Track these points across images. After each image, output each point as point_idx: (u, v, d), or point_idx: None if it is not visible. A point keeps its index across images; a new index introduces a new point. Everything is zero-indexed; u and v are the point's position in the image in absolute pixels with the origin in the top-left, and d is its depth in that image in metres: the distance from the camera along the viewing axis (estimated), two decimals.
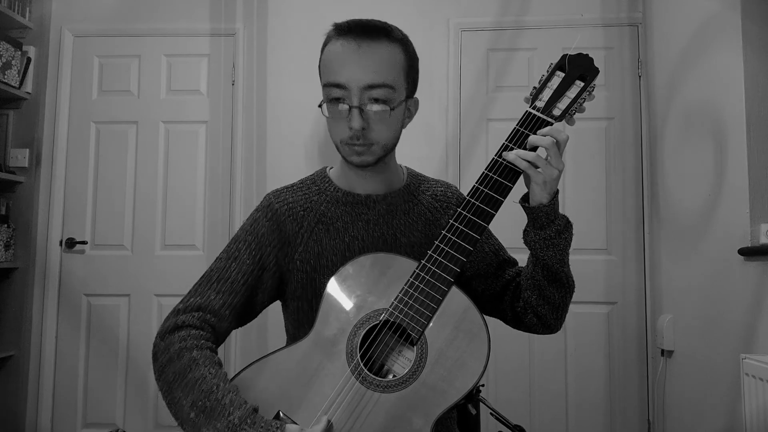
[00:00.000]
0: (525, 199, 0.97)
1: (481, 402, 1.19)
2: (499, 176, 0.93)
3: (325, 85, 0.99)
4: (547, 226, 0.95)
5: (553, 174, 0.91)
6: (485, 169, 0.94)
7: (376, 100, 0.96)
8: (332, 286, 0.94)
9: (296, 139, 2.76)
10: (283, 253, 1.04)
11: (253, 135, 2.79)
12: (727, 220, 1.89)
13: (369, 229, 1.05)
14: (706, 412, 2.03)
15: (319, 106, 1.01)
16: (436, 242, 0.92)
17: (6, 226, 2.66)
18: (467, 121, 2.72)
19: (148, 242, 2.77)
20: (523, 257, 1.04)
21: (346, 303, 0.93)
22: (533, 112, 0.95)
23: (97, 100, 2.84)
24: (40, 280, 2.73)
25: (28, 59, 2.74)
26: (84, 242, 2.77)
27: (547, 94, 0.95)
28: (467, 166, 2.70)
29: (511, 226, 1.27)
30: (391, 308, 0.90)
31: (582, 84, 0.95)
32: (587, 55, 0.96)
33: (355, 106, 0.95)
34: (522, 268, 1.09)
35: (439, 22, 2.75)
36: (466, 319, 0.89)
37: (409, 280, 0.90)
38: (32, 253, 2.72)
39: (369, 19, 0.99)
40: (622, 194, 2.64)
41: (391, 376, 0.90)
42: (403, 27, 1.05)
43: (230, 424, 0.81)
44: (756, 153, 1.77)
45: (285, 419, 0.86)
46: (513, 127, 0.95)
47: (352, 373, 0.88)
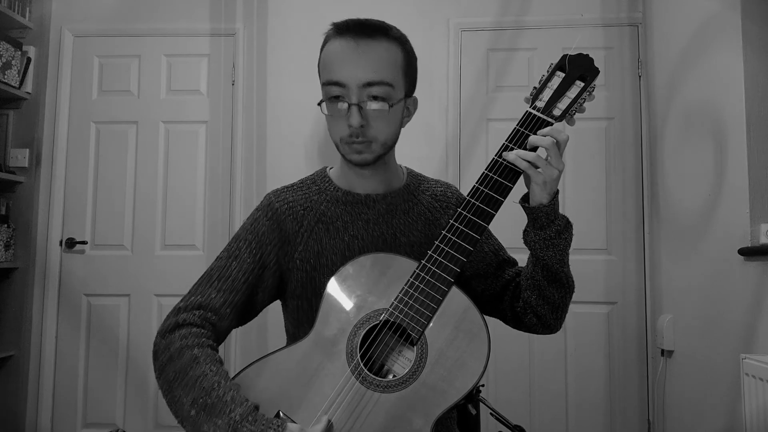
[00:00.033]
0: (525, 199, 0.97)
1: (481, 402, 1.19)
2: (500, 176, 0.93)
3: (324, 84, 1.00)
4: (547, 227, 0.95)
5: (554, 174, 0.91)
6: (485, 169, 0.94)
7: (375, 98, 0.96)
8: (332, 286, 0.94)
9: (296, 139, 2.76)
10: (284, 252, 1.04)
11: (253, 135, 2.79)
12: (727, 220, 1.89)
13: (369, 229, 1.05)
14: (706, 412, 2.03)
15: (319, 105, 1.01)
16: (436, 242, 0.92)
17: (6, 226, 2.66)
18: (467, 121, 2.72)
19: (148, 242, 2.77)
20: (523, 257, 1.04)
21: (346, 303, 0.93)
22: (533, 112, 0.95)
23: (97, 100, 2.84)
24: (40, 280, 2.73)
25: (28, 59, 2.74)
26: (84, 242, 2.77)
27: (547, 95, 0.95)
28: (467, 166, 2.70)
29: (511, 226, 1.27)
30: (391, 308, 0.90)
31: (582, 84, 0.95)
32: (587, 55, 0.96)
33: (354, 104, 0.96)
34: (522, 268, 1.09)
35: (439, 22, 2.75)
36: (466, 319, 0.89)
37: (409, 280, 0.90)
38: (32, 253, 2.72)
39: (367, 18, 1.00)
40: (622, 194, 2.64)
41: (391, 376, 0.90)
42: (403, 27, 1.05)
43: (231, 421, 0.81)
44: (756, 153, 1.77)
45: (285, 419, 0.86)
46: (513, 127, 0.95)
47: (352, 373, 0.88)
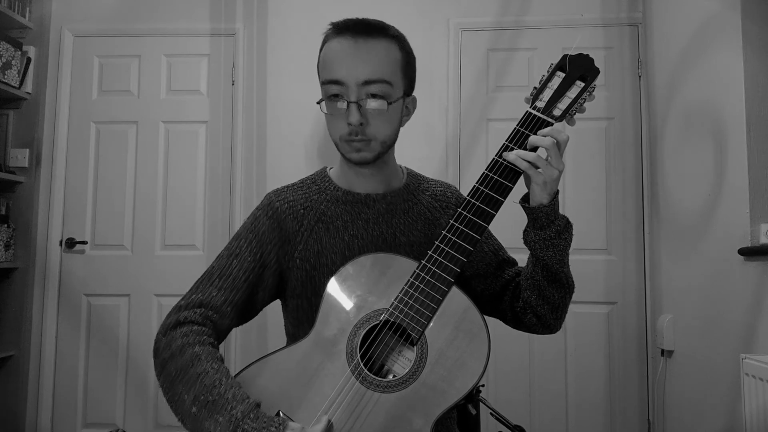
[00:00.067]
0: (525, 200, 0.97)
1: (481, 402, 1.19)
2: (500, 176, 0.93)
3: (324, 83, 1.00)
4: (547, 227, 0.95)
5: (554, 174, 0.91)
6: (485, 170, 0.94)
7: (374, 96, 0.97)
8: (332, 286, 0.94)
9: (296, 139, 2.76)
10: (284, 251, 1.04)
11: (253, 135, 2.79)
12: (727, 220, 1.89)
13: (368, 228, 1.05)
14: (706, 412, 2.03)
15: (318, 104, 1.02)
16: (437, 242, 0.92)
17: (6, 226, 2.66)
18: (467, 121, 2.72)
19: (148, 242, 2.77)
20: (523, 257, 1.04)
21: (347, 303, 0.93)
22: (533, 112, 0.95)
23: (97, 100, 2.84)
24: (40, 280, 2.73)
25: (28, 59, 2.74)
26: (84, 242, 2.77)
27: (547, 95, 0.95)
28: (467, 166, 2.70)
29: (511, 226, 1.27)
30: (391, 308, 0.90)
31: (582, 84, 0.95)
32: (588, 55, 0.96)
33: (353, 102, 0.96)
34: (522, 268, 1.09)
35: (439, 22, 2.75)
36: (466, 319, 0.89)
37: (409, 280, 0.90)
38: (32, 253, 2.72)
39: (365, 18, 1.00)
40: (622, 194, 2.64)
41: (391, 376, 0.90)
42: (403, 27, 1.06)
43: (232, 418, 0.81)
44: (756, 153, 1.77)
45: (285, 418, 0.86)
46: (513, 128, 0.95)
47: (352, 373, 0.88)
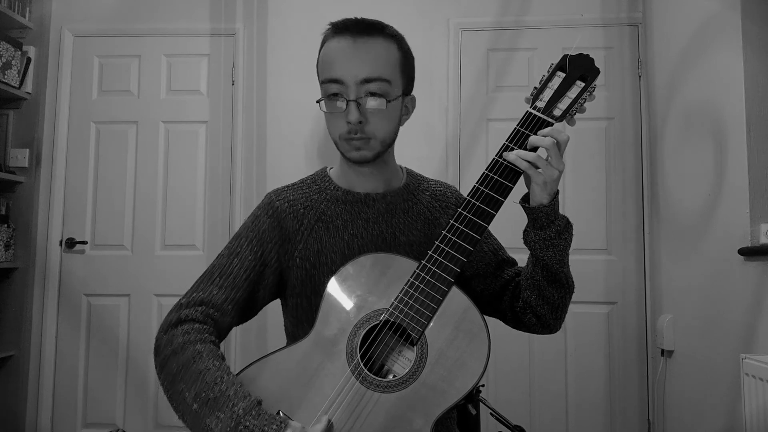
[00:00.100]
0: (525, 200, 0.97)
1: (481, 402, 1.19)
2: (500, 176, 0.93)
3: (323, 82, 1.01)
4: (547, 227, 0.95)
5: (554, 174, 0.91)
6: (486, 170, 0.94)
7: (373, 94, 0.97)
8: (332, 286, 0.94)
9: (296, 139, 2.76)
10: (284, 249, 1.05)
11: (253, 135, 2.79)
12: (727, 220, 1.89)
13: (368, 228, 1.06)
14: (706, 412, 2.03)
15: (318, 102, 1.02)
16: (437, 242, 0.92)
17: (6, 226, 2.66)
18: (467, 121, 2.72)
19: (148, 242, 2.77)
20: (523, 257, 1.04)
21: (347, 303, 0.93)
22: (534, 112, 0.95)
23: (97, 100, 2.84)
24: (40, 280, 2.73)
25: (28, 59, 2.74)
26: (84, 242, 2.77)
27: (547, 95, 0.95)
28: (467, 166, 2.70)
29: (511, 226, 1.27)
30: (391, 308, 0.90)
31: (583, 84, 0.95)
32: (588, 55, 0.96)
33: (352, 100, 0.97)
34: (521, 268, 1.10)
35: (439, 22, 2.75)
36: (466, 319, 0.89)
37: (409, 280, 0.90)
38: (32, 253, 2.72)
39: (364, 18, 1.01)
40: (622, 194, 2.63)
41: (391, 376, 0.90)
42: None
43: (234, 415, 0.81)
44: (756, 153, 1.77)
45: (286, 417, 0.86)
46: (513, 128, 0.95)
47: (352, 373, 0.88)
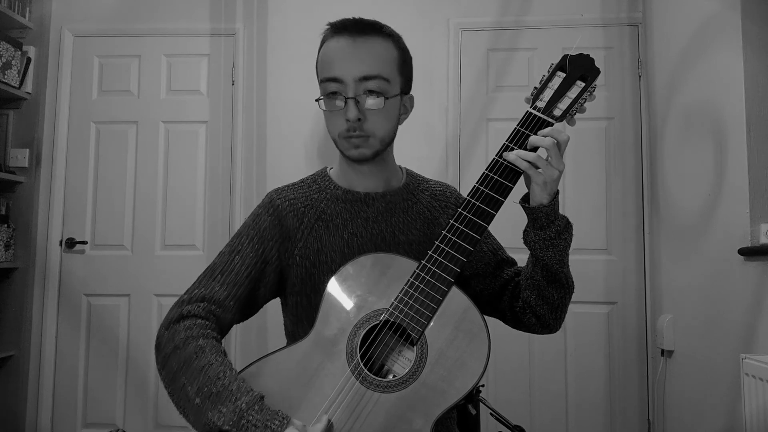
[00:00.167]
0: (525, 200, 0.97)
1: (481, 402, 1.19)
2: (500, 176, 0.93)
3: (322, 81, 1.02)
4: (547, 227, 0.95)
5: (554, 174, 0.91)
6: (486, 170, 0.94)
7: (371, 92, 0.98)
8: (333, 286, 0.94)
9: (296, 139, 2.76)
10: (284, 247, 1.05)
11: (253, 135, 2.79)
12: (727, 220, 1.89)
13: (368, 227, 1.06)
14: (706, 412, 2.03)
15: (317, 101, 1.02)
16: (437, 242, 0.92)
17: (6, 226, 2.66)
18: (467, 121, 2.72)
19: (148, 242, 2.77)
20: (523, 257, 1.04)
21: (347, 303, 0.93)
22: (534, 112, 0.95)
23: (97, 100, 2.84)
24: (40, 280, 2.73)
25: (28, 59, 2.74)
26: (84, 242, 2.77)
27: (547, 95, 0.95)
28: (467, 166, 2.70)
29: (511, 226, 1.27)
30: (391, 308, 0.90)
31: (583, 84, 0.95)
32: (588, 55, 0.96)
33: (350, 98, 0.98)
34: (521, 267, 1.10)
35: (439, 22, 2.75)
36: (466, 319, 0.89)
37: (409, 280, 0.90)
38: (32, 253, 2.72)
39: (361, 18, 1.02)
40: (622, 194, 2.63)
41: (391, 376, 0.90)
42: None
43: (237, 409, 0.81)
44: (756, 153, 1.77)
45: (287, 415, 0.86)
46: (513, 128, 0.95)
47: (352, 373, 0.88)
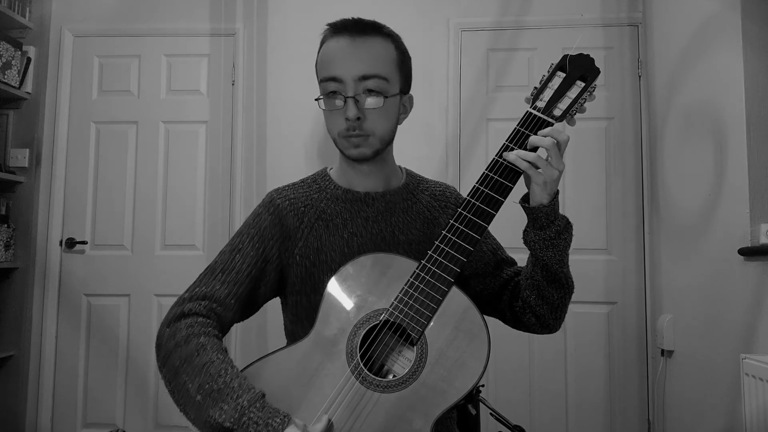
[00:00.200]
0: (525, 200, 0.97)
1: (481, 402, 1.19)
2: (500, 176, 0.93)
3: (322, 81, 1.03)
4: (547, 227, 0.95)
5: (554, 175, 0.91)
6: (486, 170, 0.94)
7: (371, 92, 0.99)
8: (333, 286, 0.94)
9: (296, 139, 2.76)
10: (284, 246, 1.05)
11: (253, 135, 2.79)
12: (727, 220, 1.89)
13: (368, 226, 1.06)
14: (706, 412, 2.03)
15: (316, 100, 1.03)
16: (436, 242, 0.92)
17: (6, 226, 2.66)
18: (467, 121, 2.72)
19: (148, 242, 2.77)
20: (523, 257, 1.04)
21: (347, 303, 0.93)
22: (534, 112, 0.95)
23: (97, 100, 2.84)
24: (40, 280, 2.73)
25: (28, 59, 2.74)
26: (84, 242, 2.77)
27: (547, 95, 0.95)
28: (467, 166, 2.70)
29: (511, 226, 1.27)
30: (391, 308, 0.90)
31: (583, 84, 0.95)
32: (588, 55, 0.96)
33: (350, 97, 0.98)
34: (521, 267, 1.10)
35: (439, 22, 2.75)
36: (466, 320, 0.89)
37: (409, 280, 0.90)
38: (32, 253, 2.72)
39: (360, 18, 1.03)
40: (622, 194, 2.63)
41: (391, 376, 0.90)
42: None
43: (238, 406, 0.81)
44: (756, 153, 1.77)
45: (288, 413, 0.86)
46: (513, 128, 0.95)
47: (352, 373, 0.88)
